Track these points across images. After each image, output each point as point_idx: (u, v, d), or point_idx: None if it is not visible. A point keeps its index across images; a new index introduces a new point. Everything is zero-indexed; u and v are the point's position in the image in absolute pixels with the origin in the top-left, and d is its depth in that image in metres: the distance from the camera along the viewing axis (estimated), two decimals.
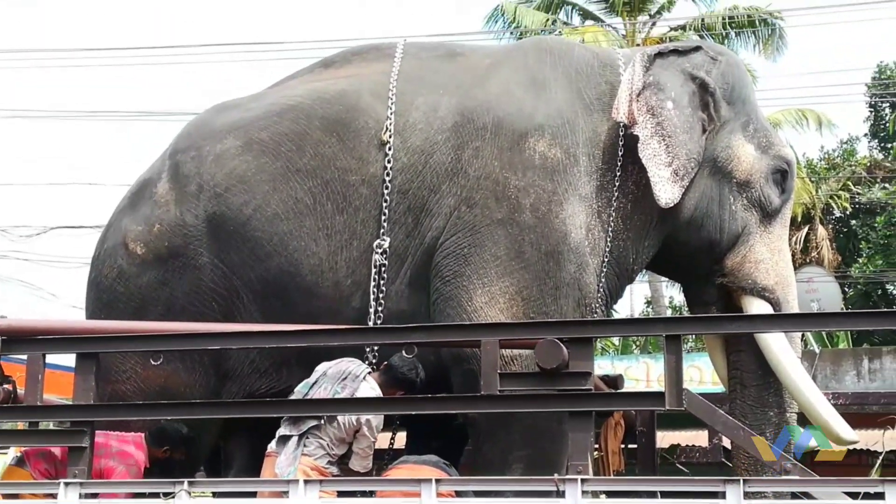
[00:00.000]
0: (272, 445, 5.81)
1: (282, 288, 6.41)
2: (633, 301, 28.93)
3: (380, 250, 6.30)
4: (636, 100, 6.41)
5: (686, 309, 7.55)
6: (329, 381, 5.83)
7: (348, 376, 5.83)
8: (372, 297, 6.30)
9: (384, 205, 6.35)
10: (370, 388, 5.84)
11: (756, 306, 6.59)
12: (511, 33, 24.52)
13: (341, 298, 6.36)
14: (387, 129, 6.46)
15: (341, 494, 5.47)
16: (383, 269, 6.31)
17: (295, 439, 5.68)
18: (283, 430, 5.75)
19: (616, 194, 6.48)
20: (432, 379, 6.06)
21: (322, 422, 5.72)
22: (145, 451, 6.20)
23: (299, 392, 5.88)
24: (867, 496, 4.74)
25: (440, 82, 6.68)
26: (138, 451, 6.16)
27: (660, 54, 6.71)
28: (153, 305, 6.54)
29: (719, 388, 7.15)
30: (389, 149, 6.41)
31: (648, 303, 27.86)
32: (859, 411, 9.37)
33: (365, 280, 6.31)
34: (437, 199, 6.38)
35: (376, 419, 5.81)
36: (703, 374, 15.97)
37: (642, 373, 17.08)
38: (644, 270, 7.32)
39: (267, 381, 6.50)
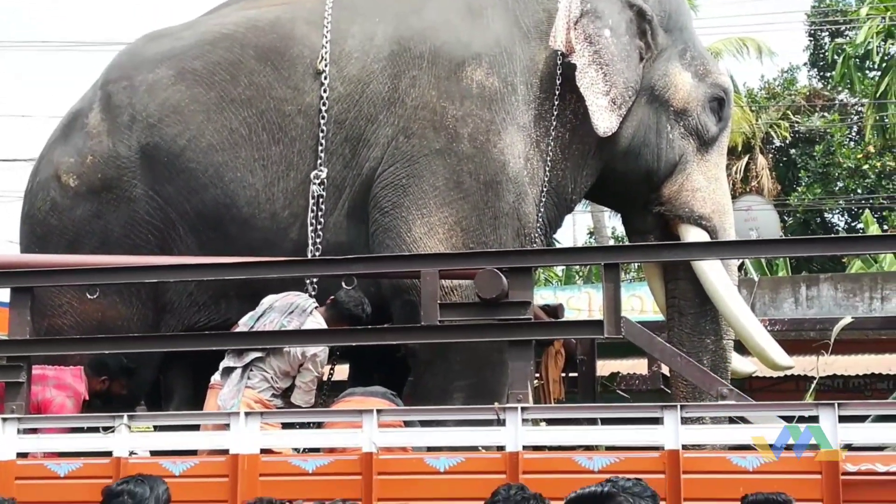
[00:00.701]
0: (216, 377, 5.79)
1: (218, 220, 6.35)
2: (575, 231, 29.08)
3: (317, 181, 6.25)
4: (573, 28, 6.35)
5: (627, 239, 7.58)
6: (276, 314, 5.80)
7: (295, 310, 5.80)
8: (310, 228, 6.25)
9: (321, 135, 6.28)
10: (316, 322, 5.82)
11: (693, 234, 6.61)
12: None
13: (278, 230, 6.31)
14: (322, 57, 6.37)
15: (284, 427, 5.48)
16: (321, 200, 6.26)
17: (238, 371, 5.65)
18: (226, 362, 5.72)
19: (554, 123, 6.44)
20: (373, 310, 6.04)
21: (266, 354, 5.69)
22: (85, 382, 6.15)
23: (245, 324, 5.85)
24: (801, 419, 4.82)
25: (376, 10, 6.59)
26: (76, 381, 6.12)
27: None
28: (88, 238, 6.47)
29: (660, 316, 7.22)
30: (325, 78, 6.34)
31: (591, 233, 27.99)
32: (796, 338, 9.49)
33: (302, 212, 6.26)
34: (374, 129, 6.32)
35: (322, 354, 5.80)
36: (644, 303, 16.09)
37: (584, 303, 17.19)
38: (584, 200, 7.33)
39: (206, 314, 6.46)
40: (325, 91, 6.32)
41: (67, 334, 6.32)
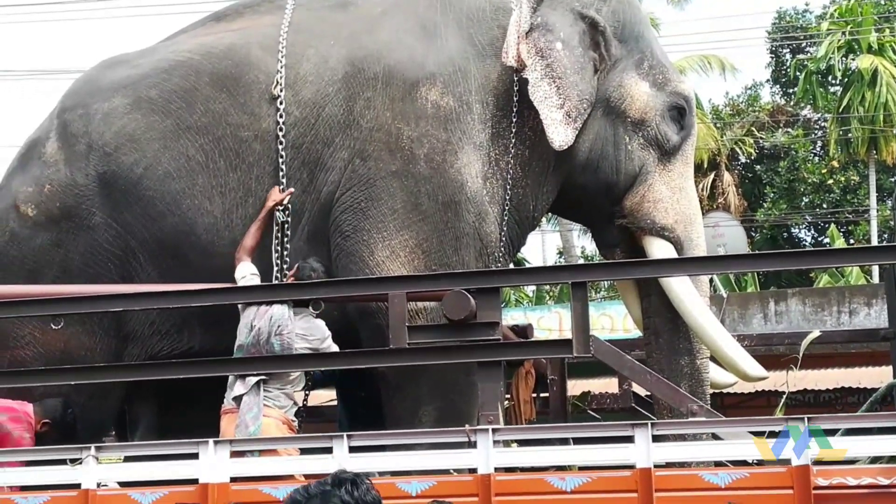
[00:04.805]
0: (228, 401, 5.75)
1: (177, 247, 6.30)
2: (545, 251, 29.20)
3: (280, 207, 6.21)
4: (524, 42, 6.31)
5: (599, 255, 7.58)
6: (263, 330, 5.75)
7: (274, 319, 5.76)
8: (276, 255, 6.22)
9: (280, 161, 6.25)
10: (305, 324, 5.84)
11: (657, 246, 6.55)
12: None
13: None
14: (277, 82, 6.34)
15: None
16: (286, 226, 6.22)
17: (250, 397, 5.62)
18: (236, 390, 5.68)
19: (513, 141, 6.41)
20: (338, 335, 6.00)
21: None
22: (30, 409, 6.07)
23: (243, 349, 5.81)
24: (772, 435, 4.80)
25: (331, 32, 6.56)
26: (21, 405, 6.04)
27: None
28: (48, 268, 6.40)
29: (630, 335, 7.21)
30: (281, 103, 6.31)
31: (560, 253, 28.10)
32: (766, 353, 9.51)
33: (262, 237, 6.21)
34: (331, 153, 6.28)
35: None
36: (614, 321, 16.12)
37: (555, 322, 17.17)
38: (554, 218, 7.34)
39: (168, 343, 6.40)
40: (281, 116, 6.28)
41: (30, 366, 6.24)
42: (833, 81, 27.43)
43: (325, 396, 8.47)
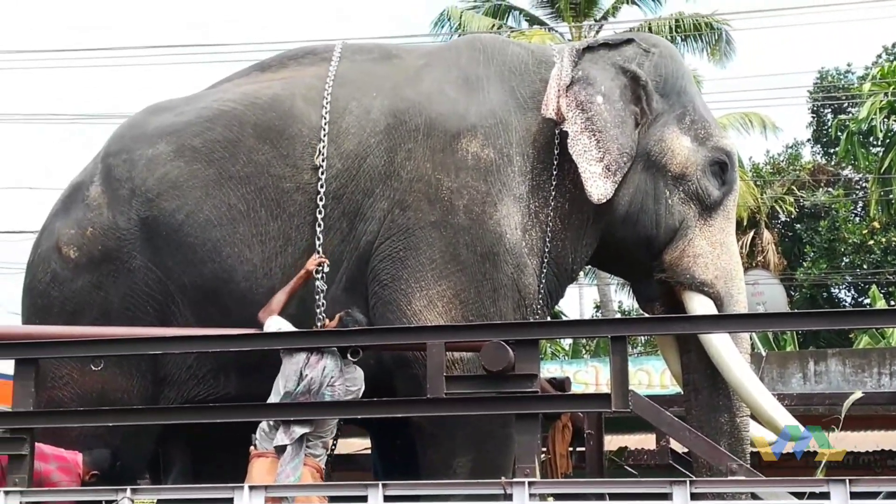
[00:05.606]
0: (262, 445, 5.69)
1: (216, 294, 6.34)
2: (582, 305, 29.09)
3: (318, 275, 6.19)
4: (565, 95, 6.36)
5: (636, 310, 7.55)
6: (315, 379, 5.71)
7: (327, 370, 5.73)
8: (318, 302, 6.21)
9: (319, 217, 6.26)
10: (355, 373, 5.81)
11: (696, 301, 6.53)
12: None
13: None
14: (321, 139, 6.37)
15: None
16: (325, 274, 6.23)
17: (293, 448, 5.57)
18: (279, 440, 5.61)
19: (553, 193, 6.42)
20: (374, 383, 5.98)
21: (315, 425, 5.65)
22: (80, 459, 6.08)
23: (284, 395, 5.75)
24: (812, 496, 4.73)
25: (374, 84, 6.61)
26: (72, 454, 6.05)
27: (589, 48, 6.68)
28: (88, 309, 6.44)
29: (668, 390, 7.15)
30: (323, 161, 6.33)
31: (597, 307, 27.97)
32: (805, 413, 9.41)
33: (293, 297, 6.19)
34: (371, 203, 6.32)
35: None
36: (651, 377, 16.05)
37: (591, 377, 17.12)
38: (592, 271, 7.32)
39: (205, 388, 6.41)
40: (322, 173, 6.32)
41: (68, 406, 6.26)
42: (875, 142, 27.29)
43: (359, 445, 8.45)
